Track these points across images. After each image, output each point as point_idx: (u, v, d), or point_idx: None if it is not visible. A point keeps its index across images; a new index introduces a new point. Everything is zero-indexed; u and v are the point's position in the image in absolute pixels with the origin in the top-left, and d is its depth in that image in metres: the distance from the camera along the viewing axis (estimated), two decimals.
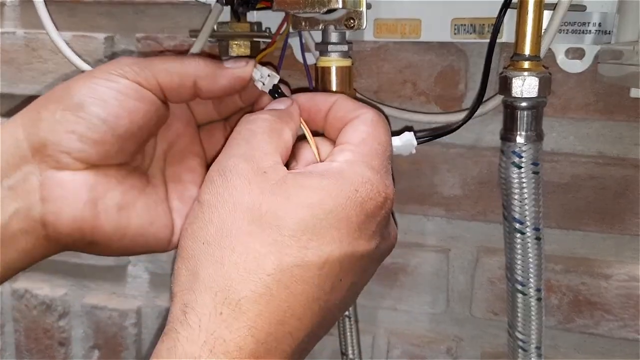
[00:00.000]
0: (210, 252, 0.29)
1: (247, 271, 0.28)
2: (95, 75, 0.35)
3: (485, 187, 0.50)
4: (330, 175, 0.31)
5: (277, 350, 0.28)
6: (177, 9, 0.53)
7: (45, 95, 0.36)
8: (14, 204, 0.34)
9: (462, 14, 0.44)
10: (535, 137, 0.39)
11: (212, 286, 0.28)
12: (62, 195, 0.34)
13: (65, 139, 0.34)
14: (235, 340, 0.27)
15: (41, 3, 0.49)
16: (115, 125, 0.34)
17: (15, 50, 0.58)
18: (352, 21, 0.40)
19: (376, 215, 0.31)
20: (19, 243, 0.35)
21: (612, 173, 0.46)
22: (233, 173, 0.31)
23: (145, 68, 0.35)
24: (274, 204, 0.29)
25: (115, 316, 0.63)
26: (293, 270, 0.29)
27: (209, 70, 0.36)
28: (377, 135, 0.34)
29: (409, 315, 0.55)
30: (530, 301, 0.42)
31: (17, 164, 0.34)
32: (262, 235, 0.29)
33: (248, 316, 0.27)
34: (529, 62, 0.38)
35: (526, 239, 0.40)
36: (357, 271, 0.32)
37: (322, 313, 0.30)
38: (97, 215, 0.35)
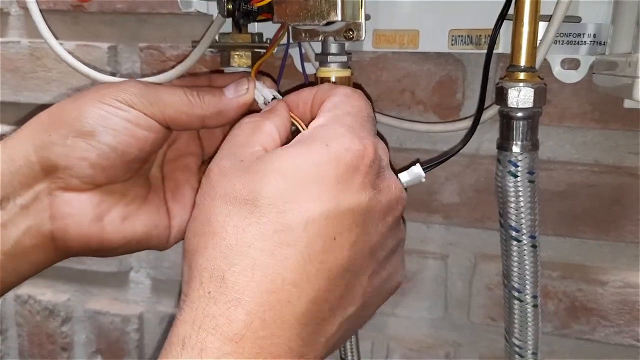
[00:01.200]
0: (197, 242, 0.30)
1: (229, 247, 0.28)
2: (106, 101, 0.36)
3: (482, 195, 0.50)
4: (301, 140, 0.31)
5: (275, 319, 0.27)
6: (180, 18, 0.54)
7: (56, 112, 0.36)
8: (26, 222, 0.35)
9: (459, 25, 0.45)
10: (531, 147, 0.40)
11: (200, 271, 0.29)
12: (70, 214, 0.36)
13: (76, 165, 0.35)
14: (224, 314, 0.27)
15: (37, 12, 0.50)
16: (124, 152, 0.36)
17: (19, 59, 0.59)
18: (351, 32, 0.41)
19: (358, 166, 0.30)
20: (31, 256, 0.36)
21: (607, 181, 0.47)
22: (214, 170, 0.32)
23: (155, 104, 0.36)
24: (247, 182, 0.30)
25: (118, 321, 0.64)
26: (274, 236, 0.28)
27: (215, 109, 0.37)
28: (349, 101, 0.34)
29: (408, 321, 0.55)
30: (526, 307, 0.42)
31: (29, 184, 0.35)
32: (240, 212, 0.29)
33: (235, 289, 0.27)
34: (525, 73, 0.39)
35: (522, 246, 0.41)
36: (352, 227, 0.30)
37: (322, 276, 0.29)
38: (103, 228, 0.37)
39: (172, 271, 0.61)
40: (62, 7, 0.57)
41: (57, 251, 0.37)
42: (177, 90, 0.37)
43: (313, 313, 0.29)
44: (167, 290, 0.63)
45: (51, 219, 0.36)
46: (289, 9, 0.38)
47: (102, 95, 0.36)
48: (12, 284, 0.37)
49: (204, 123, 0.38)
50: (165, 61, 0.55)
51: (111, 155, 0.36)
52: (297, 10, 0.38)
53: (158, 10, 0.54)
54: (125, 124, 0.35)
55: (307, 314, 0.28)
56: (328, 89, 0.36)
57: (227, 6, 0.37)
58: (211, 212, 0.30)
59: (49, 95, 0.59)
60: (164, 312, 0.63)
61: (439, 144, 0.50)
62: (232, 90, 0.38)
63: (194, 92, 0.38)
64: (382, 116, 0.49)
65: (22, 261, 0.36)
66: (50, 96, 0.59)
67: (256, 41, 0.45)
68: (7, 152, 0.35)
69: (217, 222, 0.29)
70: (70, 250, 0.37)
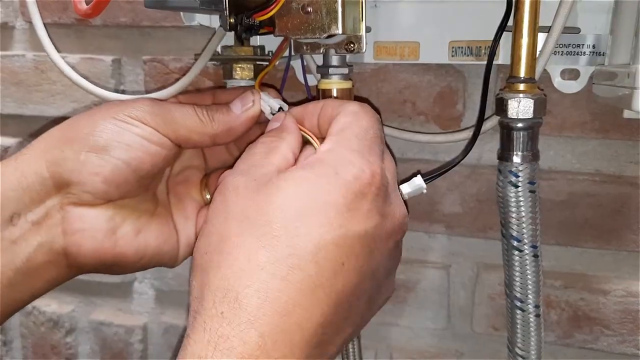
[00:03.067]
0: (210, 260, 0.30)
1: (242, 269, 0.29)
2: (120, 117, 0.36)
3: (484, 205, 0.51)
4: (309, 165, 0.32)
5: (285, 342, 0.28)
6: (183, 31, 0.54)
7: (69, 128, 0.36)
8: (37, 238, 0.35)
9: (459, 37, 0.45)
10: (531, 157, 0.40)
11: (212, 289, 0.29)
12: (83, 229, 0.36)
13: (89, 180, 0.35)
14: (238, 335, 0.27)
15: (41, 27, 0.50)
16: (137, 168, 0.36)
17: (24, 72, 0.60)
18: (352, 45, 0.41)
19: (366, 194, 0.31)
20: (43, 273, 0.36)
21: (608, 190, 0.47)
22: (228, 188, 0.32)
23: (167, 122, 0.37)
24: (259, 203, 0.30)
25: (122, 332, 0.64)
26: (287, 260, 0.29)
27: (225, 127, 0.38)
28: (357, 121, 0.34)
29: (411, 331, 0.55)
30: (529, 317, 0.42)
31: (40, 200, 0.35)
32: (252, 233, 0.30)
33: (248, 310, 0.28)
34: (524, 85, 0.39)
35: (524, 256, 0.41)
36: (360, 253, 0.31)
37: (330, 300, 0.30)
38: (116, 243, 0.37)
39: (176, 282, 0.62)
40: (67, 20, 0.57)
41: (70, 267, 0.37)
42: (188, 109, 0.38)
43: (320, 336, 0.29)
44: (171, 301, 0.63)
45: (63, 234, 0.36)
46: (290, 22, 0.39)
47: (116, 112, 0.36)
48: (23, 302, 0.37)
49: (214, 141, 0.38)
50: (168, 73, 0.56)
51: (124, 171, 0.36)
52: (299, 23, 0.38)
53: (161, 24, 0.55)
54: (138, 139, 0.36)
55: (315, 336, 0.29)
56: (335, 105, 0.36)
57: (229, 20, 0.37)
58: (225, 230, 0.30)
59: (53, 108, 0.60)
60: (168, 322, 0.63)
61: (441, 154, 0.51)
62: (239, 106, 0.39)
63: (203, 110, 0.38)
64: (383, 127, 0.49)
65: (34, 278, 0.36)
66: (54, 109, 0.60)
67: (258, 54, 0.46)
68: (19, 167, 0.35)
69: (230, 241, 0.30)
70: (83, 266, 0.37)
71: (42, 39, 0.50)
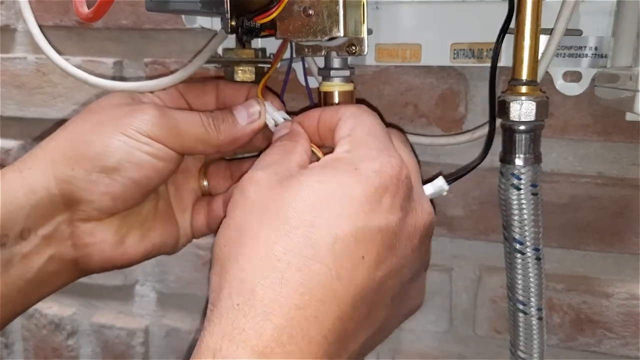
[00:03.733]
0: (228, 252, 0.30)
1: (259, 259, 0.28)
2: (129, 134, 0.36)
3: (486, 207, 0.50)
4: (330, 163, 0.32)
5: (302, 335, 0.27)
6: (184, 34, 0.54)
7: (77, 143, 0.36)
8: (48, 251, 0.36)
9: (461, 39, 0.45)
10: (533, 160, 0.40)
11: (229, 280, 0.28)
12: (92, 242, 0.37)
13: (99, 199, 0.36)
14: (254, 327, 0.27)
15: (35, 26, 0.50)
16: (146, 184, 0.37)
17: (26, 75, 0.60)
18: (354, 47, 0.41)
19: (387, 187, 0.30)
20: (53, 280, 0.37)
21: (610, 193, 0.47)
22: (248, 181, 0.32)
23: (174, 135, 0.37)
24: (279, 196, 0.30)
25: (123, 335, 0.64)
26: (303, 251, 0.28)
27: (231, 138, 0.38)
28: (362, 121, 0.35)
29: (413, 334, 0.55)
30: (531, 320, 0.42)
31: (50, 215, 0.36)
32: (270, 224, 0.29)
33: (263, 302, 0.27)
34: (526, 87, 0.39)
35: (526, 259, 0.41)
36: (380, 248, 0.30)
37: (349, 295, 0.29)
38: (125, 250, 0.38)
39: (177, 285, 0.61)
40: (68, 23, 0.57)
41: (79, 273, 0.38)
42: (194, 118, 0.38)
43: (338, 331, 0.29)
44: (173, 304, 0.63)
45: (73, 248, 0.37)
46: (291, 25, 0.39)
47: (124, 126, 0.36)
48: (32, 305, 0.38)
49: (218, 150, 0.39)
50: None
51: (133, 189, 0.36)
52: (300, 26, 0.38)
53: (163, 26, 0.54)
54: (148, 158, 0.36)
55: (333, 331, 0.28)
56: (332, 112, 0.36)
57: (231, 23, 0.37)
58: (243, 220, 0.30)
59: (55, 111, 0.60)
60: (170, 325, 0.63)
61: (442, 156, 0.51)
62: (245, 116, 0.39)
63: (209, 120, 0.38)
64: None
65: (44, 286, 0.37)
66: (56, 112, 0.60)
67: (259, 56, 0.46)
68: (26, 182, 0.35)
69: (248, 233, 0.30)
70: (92, 271, 0.38)
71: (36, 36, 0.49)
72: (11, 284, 0.35)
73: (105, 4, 0.29)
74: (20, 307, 0.38)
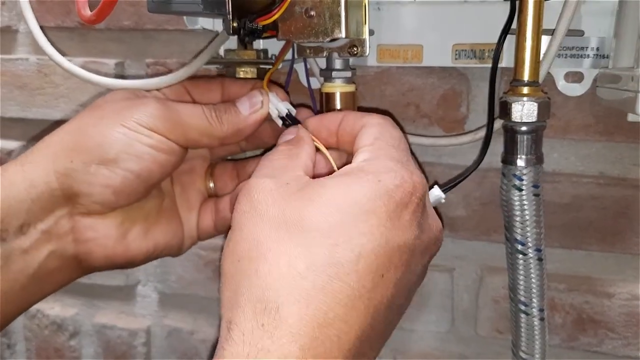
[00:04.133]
0: (245, 267, 0.29)
1: (281, 276, 0.27)
2: (129, 125, 0.35)
3: (488, 208, 0.50)
4: (351, 172, 0.31)
5: (326, 354, 0.27)
6: (186, 35, 0.54)
7: (77, 136, 0.36)
8: (48, 246, 0.36)
9: (462, 40, 0.45)
10: (535, 160, 0.40)
11: (250, 298, 0.27)
12: (94, 237, 0.37)
13: (98, 192, 0.36)
14: (279, 349, 0.26)
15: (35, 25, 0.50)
16: (147, 177, 0.36)
17: (28, 75, 0.60)
18: (355, 48, 0.41)
19: (407, 204, 0.30)
20: (55, 277, 0.37)
21: (612, 193, 0.47)
22: (257, 190, 0.31)
23: (176, 127, 0.36)
24: (297, 209, 0.29)
25: (125, 335, 0.64)
26: (327, 269, 0.27)
27: (234, 129, 0.38)
28: (387, 132, 0.34)
29: (415, 334, 0.55)
30: (533, 321, 0.42)
31: (50, 209, 0.36)
32: (291, 239, 0.28)
33: (289, 322, 0.26)
34: (528, 88, 0.39)
35: (528, 259, 0.41)
36: (398, 265, 0.30)
37: (368, 313, 0.29)
38: (127, 246, 0.38)
39: (179, 285, 0.62)
40: (70, 24, 0.57)
41: (82, 270, 0.38)
42: (197, 110, 0.38)
43: (357, 349, 0.28)
44: (174, 304, 0.63)
45: (74, 243, 0.36)
46: (293, 26, 0.39)
47: (124, 118, 0.36)
48: (34, 302, 0.38)
49: (222, 143, 0.38)
50: None
51: (134, 182, 0.36)
52: (302, 27, 0.38)
53: (164, 27, 0.55)
54: (148, 150, 0.36)
55: (352, 350, 0.28)
56: (357, 117, 0.36)
57: (232, 24, 0.37)
58: (258, 235, 0.29)
59: (57, 112, 0.60)
60: (171, 325, 0.63)
61: (444, 157, 0.51)
62: (247, 106, 0.38)
63: (212, 112, 0.38)
64: None
65: (46, 282, 0.37)
66: (58, 112, 0.60)
67: (261, 57, 0.46)
68: (27, 176, 0.35)
69: (267, 246, 0.28)
70: (95, 269, 0.38)
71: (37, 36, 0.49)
72: (13, 279, 0.35)
73: (107, 7, 0.29)
74: (22, 304, 0.37)
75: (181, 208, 0.42)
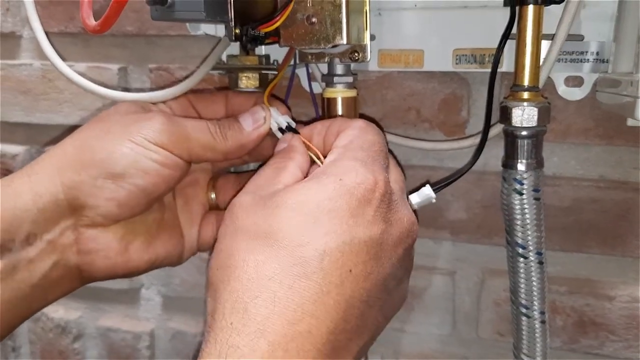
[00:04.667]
0: (221, 275, 0.30)
1: (250, 280, 0.29)
2: (136, 140, 0.36)
3: (489, 211, 0.51)
4: (315, 176, 0.33)
5: (296, 350, 0.28)
6: (188, 40, 0.55)
7: (85, 149, 0.37)
8: (53, 256, 0.36)
9: (463, 45, 0.46)
10: (535, 165, 0.40)
11: (223, 303, 0.29)
12: (96, 249, 0.37)
13: (104, 204, 0.36)
14: (248, 344, 0.27)
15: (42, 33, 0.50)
16: (152, 192, 0.37)
17: (32, 81, 0.60)
18: (357, 54, 0.42)
19: (370, 200, 0.31)
20: (58, 286, 0.38)
21: (612, 196, 0.47)
22: (237, 206, 0.33)
23: (182, 142, 0.37)
24: (265, 217, 0.31)
25: (129, 338, 0.64)
26: (292, 269, 0.29)
27: (237, 144, 0.39)
28: (363, 135, 0.35)
29: (417, 337, 0.55)
30: (534, 324, 0.43)
31: (55, 220, 0.36)
32: (260, 246, 0.30)
33: (257, 320, 0.28)
34: (528, 93, 0.39)
35: (529, 263, 0.41)
36: (367, 260, 0.31)
37: (340, 307, 0.30)
38: (129, 257, 0.39)
39: (183, 288, 0.62)
40: (73, 29, 0.58)
41: (83, 280, 0.39)
42: (201, 126, 0.38)
43: (332, 343, 0.29)
44: (178, 307, 0.63)
45: (78, 254, 0.37)
46: (295, 33, 0.39)
47: (131, 133, 0.36)
48: (37, 310, 0.38)
49: (225, 157, 0.39)
50: (174, 82, 0.56)
51: (139, 195, 0.37)
52: (304, 34, 0.39)
53: (167, 33, 0.55)
54: (154, 165, 0.36)
55: (327, 344, 0.29)
56: (342, 122, 0.37)
57: (235, 31, 0.38)
58: (233, 246, 0.31)
59: (61, 117, 0.60)
60: (175, 328, 0.63)
61: (446, 160, 0.51)
62: (250, 122, 0.39)
63: (216, 127, 0.38)
64: (388, 134, 0.50)
65: (49, 292, 0.37)
66: (62, 117, 0.60)
67: (263, 63, 0.46)
68: (33, 187, 0.36)
69: (239, 256, 0.30)
70: (95, 279, 0.39)
71: (42, 42, 0.50)
72: (16, 288, 0.35)
73: (112, 17, 0.30)
74: (24, 314, 0.38)
75: (183, 220, 0.43)
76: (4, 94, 0.61)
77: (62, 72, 0.49)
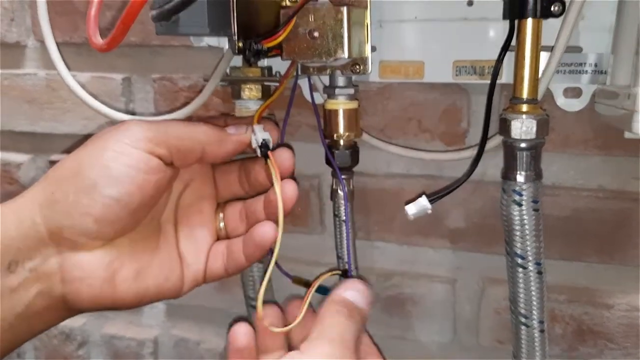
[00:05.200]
0: None
1: None
2: (108, 146, 0.35)
3: (489, 220, 0.51)
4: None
5: None
6: (192, 50, 0.55)
7: (59, 168, 0.36)
8: (37, 285, 0.35)
9: (463, 57, 0.46)
10: (534, 176, 0.41)
11: None
12: (81, 277, 0.35)
13: (80, 222, 0.34)
14: None
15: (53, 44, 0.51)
16: (128, 202, 0.35)
17: (36, 90, 0.61)
18: (358, 67, 0.42)
19: None
20: (44, 317, 0.36)
21: (611, 206, 0.48)
22: None
23: (158, 132, 0.36)
24: None
25: (133, 345, 0.65)
26: None
27: (216, 137, 0.38)
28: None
29: (418, 344, 0.56)
30: (533, 333, 0.43)
31: (36, 247, 0.35)
32: None
33: None
34: (527, 105, 0.40)
35: (528, 273, 0.42)
36: None
37: None
38: (115, 289, 0.36)
39: (187, 296, 0.62)
40: (78, 40, 0.58)
41: (70, 311, 0.37)
42: (179, 121, 0.38)
43: None
44: (182, 315, 0.64)
45: (62, 282, 0.35)
46: (297, 47, 0.40)
47: (105, 141, 0.35)
48: (23, 341, 0.36)
49: (204, 150, 0.38)
50: (177, 91, 0.57)
51: (115, 208, 0.35)
52: (305, 48, 0.39)
53: (171, 43, 0.56)
54: (126, 170, 0.35)
55: None
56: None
57: (238, 44, 0.38)
58: None
59: (65, 126, 0.61)
60: (179, 335, 0.64)
61: (446, 170, 0.52)
62: (233, 129, 0.40)
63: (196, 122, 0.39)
64: (388, 145, 0.50)
65: (34, 322, 0.36)
66: (66, 126, 0.61)
67: (266, 75, 0.47)
68: (17, 212, 0.35)
69: None
70: (82, 310, 0.37)
71: (53, 55, 0.51)
72: (1, 319, 0.34)
73: (118, 36, 0.30)
74: (10, 345, 0.36)
75: (185, 250, 0.41)
76: (9, 104, 0.62)
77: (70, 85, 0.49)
